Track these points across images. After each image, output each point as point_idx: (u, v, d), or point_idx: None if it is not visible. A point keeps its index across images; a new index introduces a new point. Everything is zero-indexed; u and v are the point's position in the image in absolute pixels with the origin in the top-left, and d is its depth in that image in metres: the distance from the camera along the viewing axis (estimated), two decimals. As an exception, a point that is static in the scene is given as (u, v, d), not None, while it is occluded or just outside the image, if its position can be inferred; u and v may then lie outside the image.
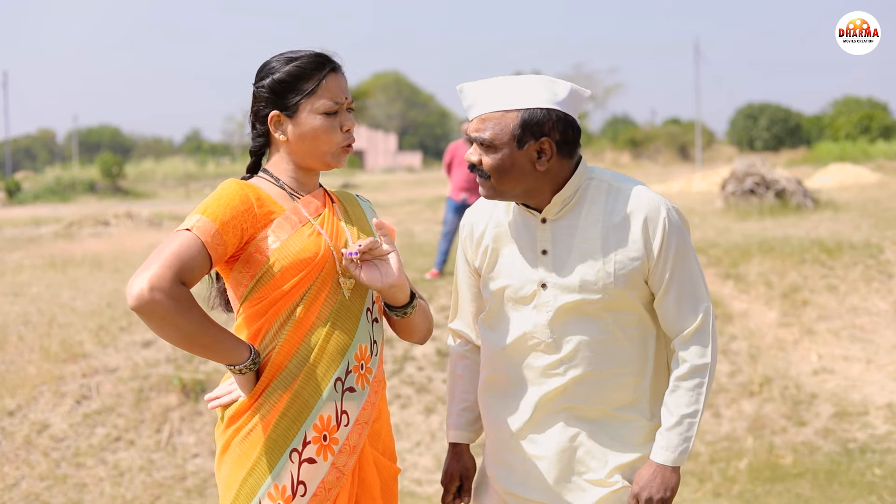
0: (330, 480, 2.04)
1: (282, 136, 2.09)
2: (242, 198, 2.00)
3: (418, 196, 20.78)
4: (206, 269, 1.95)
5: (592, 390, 2.19)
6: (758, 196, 12.39)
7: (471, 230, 2.33)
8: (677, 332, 2.18)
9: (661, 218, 2.13)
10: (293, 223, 2.05)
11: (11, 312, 7.20)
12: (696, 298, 2.17)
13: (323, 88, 2.07)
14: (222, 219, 1.95)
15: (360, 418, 2.09)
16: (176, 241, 1.90)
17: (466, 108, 2.17)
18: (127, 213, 15.33)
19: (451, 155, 9.40)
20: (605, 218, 2.16)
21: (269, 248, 2.01)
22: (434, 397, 6.34)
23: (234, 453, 2.04)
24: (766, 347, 6.88)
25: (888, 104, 49.68)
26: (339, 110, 2.09)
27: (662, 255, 2.13)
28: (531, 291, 2.19)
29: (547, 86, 2.11)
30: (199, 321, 1.89)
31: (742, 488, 5.04)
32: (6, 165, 46.97)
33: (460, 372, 2.43)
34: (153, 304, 1.82)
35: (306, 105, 2.06)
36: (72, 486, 5.15)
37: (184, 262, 1.88)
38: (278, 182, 2.11)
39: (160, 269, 1.84)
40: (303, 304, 2.03)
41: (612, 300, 2.15)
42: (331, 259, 2.07)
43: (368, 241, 2.03)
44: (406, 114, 68.72)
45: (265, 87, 2.08)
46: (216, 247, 1.94)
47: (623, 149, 47.10)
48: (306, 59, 2.07)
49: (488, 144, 2.11)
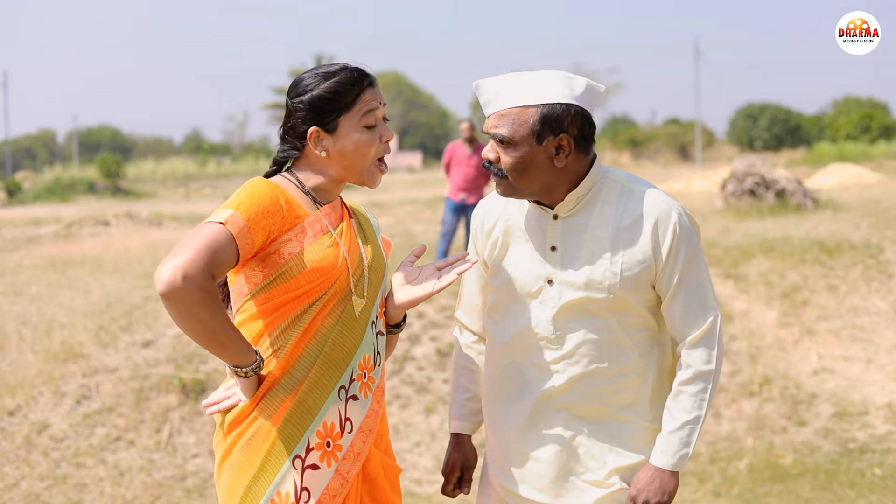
0: (334, 487, 2.03)
1: (322, 152, 2.07)
2: (273, 198, 1.99)
3: (418, 196, 20.78)
4: (233, 264, 1.92)
5: (592, 389, 2.18)
6: (758, 196, 12.38)
7: (482, 221, 2.32)
8: (683, 337, 2.17)
9: (672, 222, 2.12)
10: (315, 231, 2.05)
11: (11, 312, 7.20)
12: (705, 304, 2.16)
13: (362, 102, 2.06)
14: (254, 217, 1.93)
15: (365, 426, 2.09)
16: (207, 232, 1.86)
17: (484, 104, 2.14)
18: (127, 213, 15.33)
19: (449, 155, 9.40)
20: (616, 218, 2.15)
21: (289, 251, 2.00)
22: (434, 397, 6.34)
23: (235, 459, 2.02)
24: (766, 347, 6.88)
25: (888, 104, 49.67)
26: (377, 123, 2.09)
27: (671, 259, 2.12)
28: (537, 287, 2.19)
29: (565, 81, 2.10)
30: (222, 317, 1.87)
31: (742, 488, 5.04)
32: (6, 165, 46.94)
33: (464, 363, 2.43)
34: (184, 292, 1.78)
35: (346, 121, 2.06)
36: (72, 486, 5.15)
37: (215, 253, 1.84)
38: (304, 187, 2.10)
39: (193, 257, 1.80)
40: (311, 311, 2.03)
41: (617, 301, 2.14)
42: (345, 273, 2.06)
43: (467, 266, 2.15)
44: (406, 114, 68.68)
45: (304, 103, 2.06)
46: (245, 244, 1.91)
47: (623, 149, 47.05)
48: (344, 75, 2.06)
49: (507, 141, 2.09)
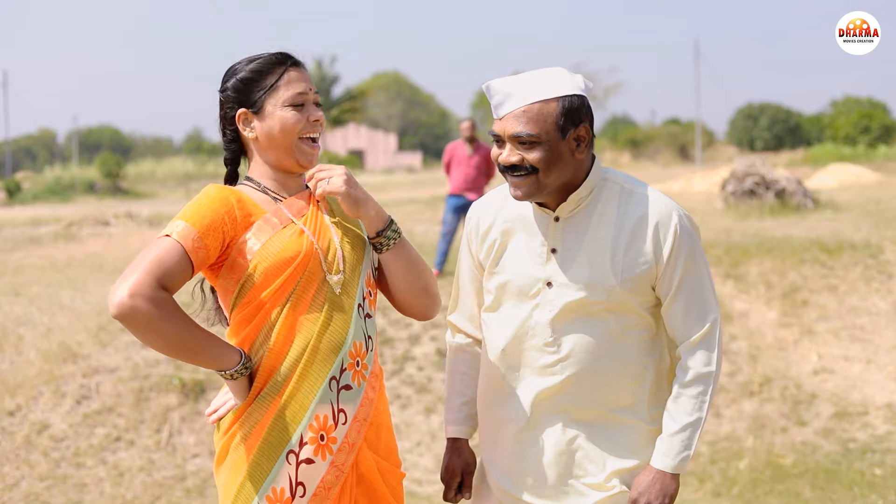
0: (329, 479, 2.04)
1: (251, 132, 2.11)
2: (223, 200, 2.02)
3: (418, 196, 20.76)
4: (188, 274, 1.95)
5: (591, 392, 2.17)
6: (758, 196, 12.38)
7: (477, 223, 2.30)
8: (683, 338, 2.16)
9: (673, 224, 2.12)
10: (274, 225, 2.05)
11: (11, 312, 7.20)
12: (705, 306, 2.15)
13: (285, 81, 2.09)
14: (203, 223, 1.96)
15: (359, 415, 2.09)
16: (156, 248, 1.91)
17: (497, 105, 2.10)
18: (127, 213, 15.29)
19: (449, 155, 9.40)
20: (616, 220, 2.14)
21: (250, 250, 2.02)
22: (434, 397, 6.33)
23: (231, 459, 2.04)
24: (766, 347, 6.88)
25: (888, 104, 49.71)
26: (304, 102, 2.11)
27: (672, 261, 2.12)
28: (536, 289, 2.18)
29: (570, 75, 2.11)
30: (183, 326, 1.89)
31: (742, 488, 5.03)
32: (6, 165, 46.93)
33: (459, 367, 2.40)
34: (134, 310, 1.81)
35: (270, 99, 2.08)
36: (72, 486, 5.15)
37: (165, 267, 1.88)
38: (260, 186, 2.13)
39: (140, 276, 1.85)
40: (289, 304, 2.03)
41: (616, 303, 2.13)
42: (315, 257, 2.06)
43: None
44: (406, 114, 68.66)
45: (229, 88, 2.11)
46: (197, 251, 1.94)
47: (623, 149, 47.01)
48: (267, 57, 2.12)
49: (533, 140, 2.06)
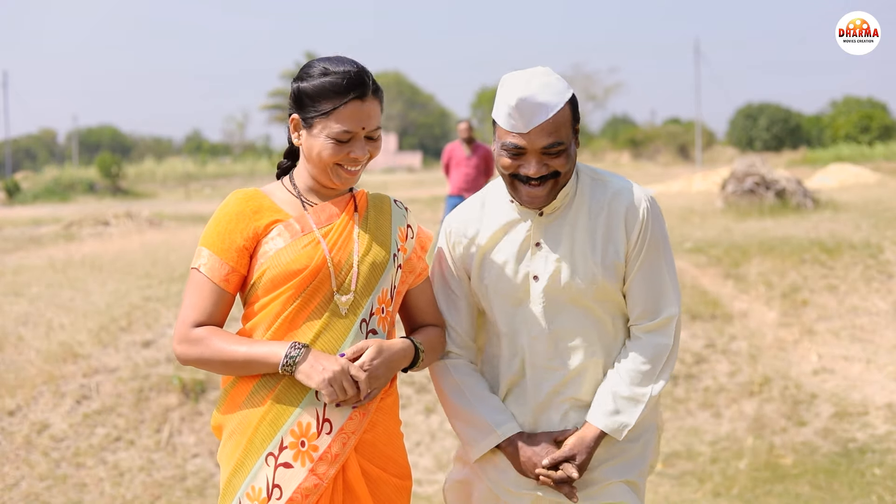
0: (307, 487, 2.02)
1: (297, 139, 2.11)
2: (239, 214, 2.06)
3: (418, 196, 20.76)
4: (229, 299, 2.07)
5: (589, 380, 2.22)
6: (758, 196, 12.38)
7: (463, 232, 2.29)
8: (639, 321, 2.21)
9: (642, 208, 2.19)
10: (294, 232, 2.06)
11: (11, 312, 7.20)
12: (664, 293, 2.20)
13: (339, 114, 2.02)
14: (223, 247, 2.04)
15: (346, 428, 2.05)
16: (190, 289, 2.08)
17: (527, 121, 2.08)
18: (127, 213, 15.29)
19: (448, 156, 9.42)
20: (591, 210, 2.19)
21: (265, 254, 2.04)
22: (434, 397, 6.33)
23: (223, 452, 2.11)
24: (766, 347, 6.87)
25: (888, 104, 49.71)
26: (351, 139, 2.05)
27: (639, 242, 2.18)
28: (524, 285, 2.21)
29: (557, 74, 2.16)
30: (221, 349, 2.01)
31: (742, 488, 5.03)
32: (6, 165, 46.96)
33: (466, 378, 2.30)
34: (181, 356, 2.07)
35: (320, 123, 2.04)
36: (72, 486, 5.15)
37: (199, 309, 2.05)
38: (296, 189, 2.13)
39: (178, 325, 2.08)
40: (290, 311, 2.05)
41: (601, 290, 2.18)
42: (324, 271, 2.05)
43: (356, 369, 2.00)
44: (406, 114, 68.65)
45: (294, 90, 2.09)
46: (228, 279, 2.05)
47: (623, 149, 47.07)
48: (336, 78, 2.02)
49: (560, 149, 2.11)
